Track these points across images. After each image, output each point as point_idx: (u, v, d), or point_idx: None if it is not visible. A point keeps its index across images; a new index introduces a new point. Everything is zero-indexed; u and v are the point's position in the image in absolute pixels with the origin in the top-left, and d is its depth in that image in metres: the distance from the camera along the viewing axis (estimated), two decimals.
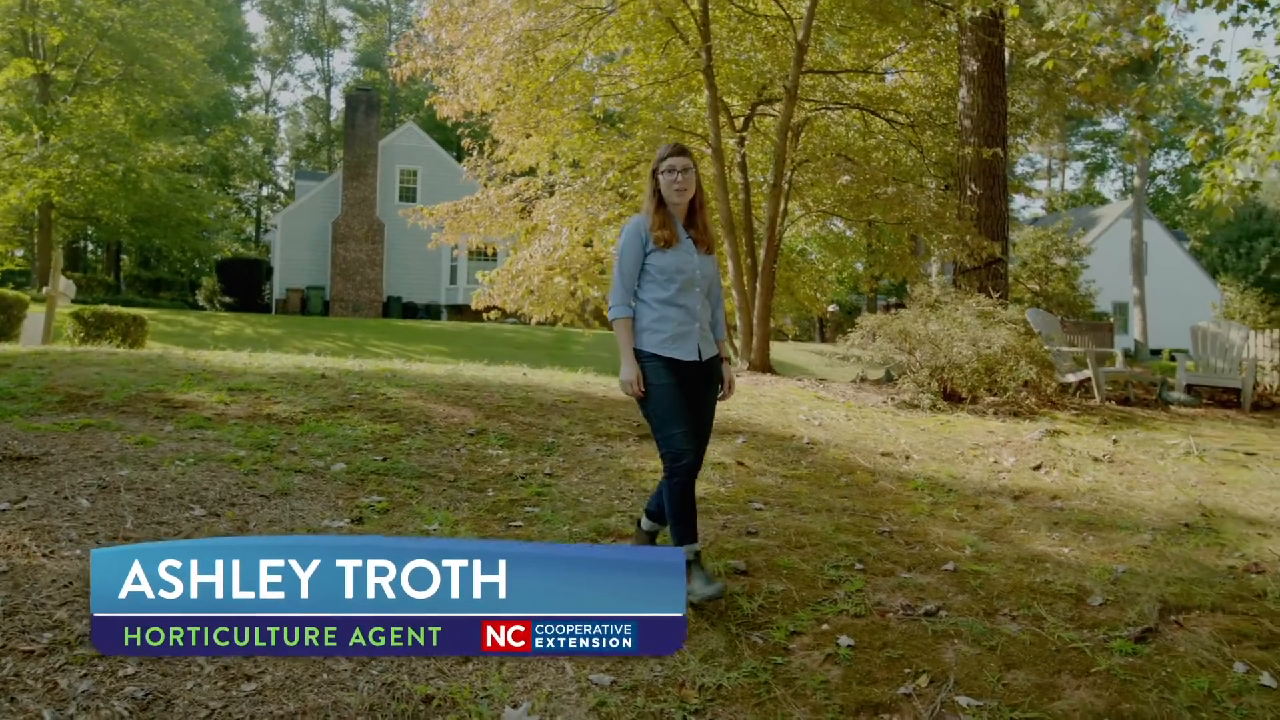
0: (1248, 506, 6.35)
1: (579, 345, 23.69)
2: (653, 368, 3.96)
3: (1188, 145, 9.38)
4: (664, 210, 4.03)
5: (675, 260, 3.99)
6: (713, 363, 4.11)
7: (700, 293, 4.06)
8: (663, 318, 3.97)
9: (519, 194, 13.32)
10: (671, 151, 4.03)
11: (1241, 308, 28.32)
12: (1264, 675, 3.79)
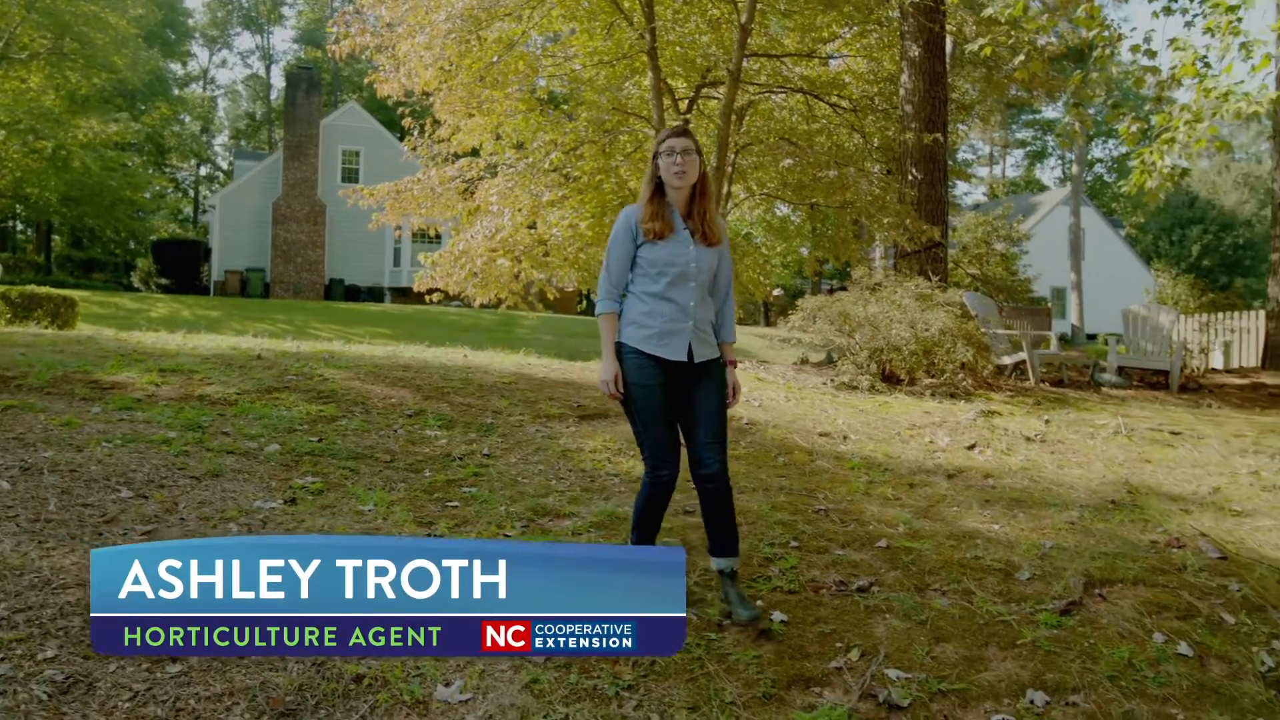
0: (1171, 484, 6.52)
1: (524, 328, 23.58)
2: (633, 365, 3.65)
3: (1121, 133, 9.57)
4: (659, 199, 3.70)
5: (667, 252, 3.65)
6: (709, 366, 3.74)
7: (697, 288, 3.69)
8: (651, 312, 3.65)
9: (461, 175, 13.17)
10: (672, 133, 3.70)
11: (1174, 293, 29.01)
12: (1181, 645, 3.91)
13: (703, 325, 3.73)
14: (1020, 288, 27.75)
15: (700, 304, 3.71)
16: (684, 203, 3.73)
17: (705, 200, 3.76)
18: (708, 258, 3.72)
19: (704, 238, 3.71)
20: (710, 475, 3.65)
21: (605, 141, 12.55)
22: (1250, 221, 47.30)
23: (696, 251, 3.69)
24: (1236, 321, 17.58)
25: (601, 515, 4.80)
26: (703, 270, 3.70)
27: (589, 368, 9.29)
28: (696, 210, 3.73)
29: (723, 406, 3.75)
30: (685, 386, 3.70)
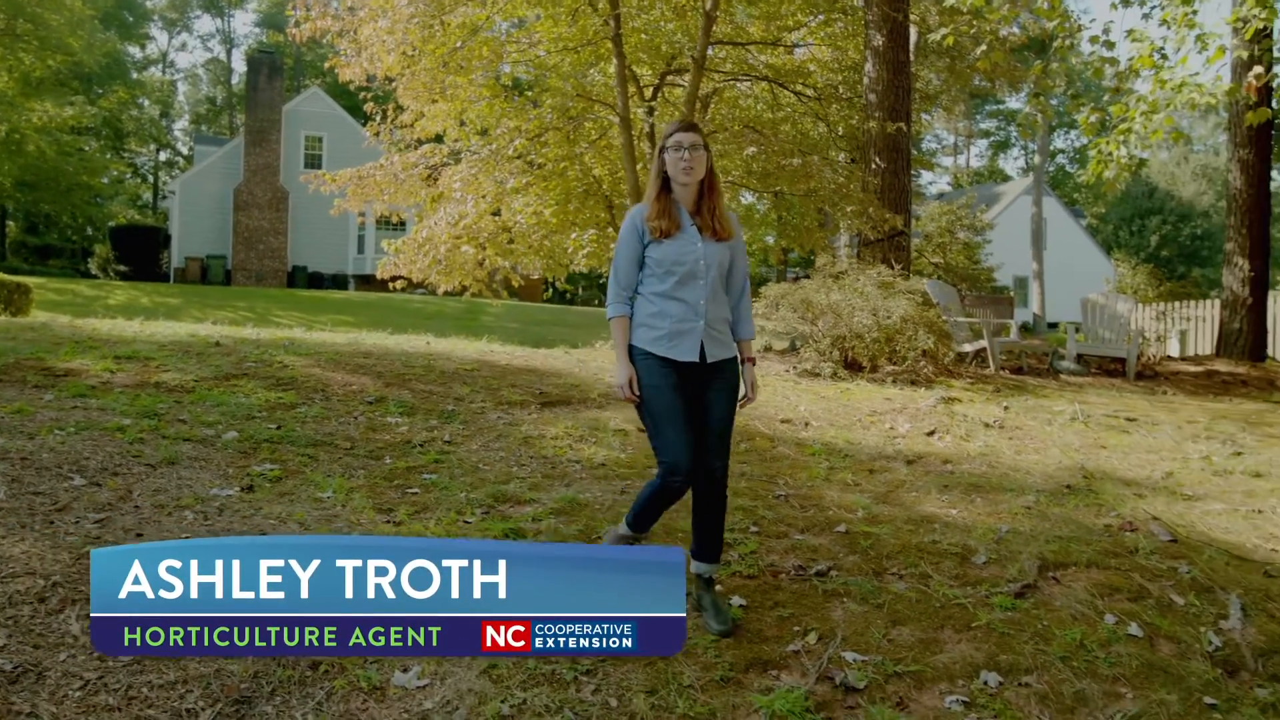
0: (1126, 469, 6.63)
1: (489, 315, 23.49)
2: (646, 367, 3.56)
3: (1080, 123, 9.68)
4: (666, 196, 3.60)
5: (674, 250, 3.55)
6: (723, 366, 3.64)
7: (706, 286, 3.57)
8: (660, 313, 3.56)
9: (425, 161, 13.07)
10: (679, 127, 3.60)
11: (1133, 283, 29.42)
12: (1132, 626, 3.98)
13: (715, 324, 3.62)
14: (983, 276, 28.04)
15: (712, 302, 3.60)
16: (692, 199, 3.63)
17: (714, 196, 3.65)
18: (717, 254, 3.60)
19: (713, 234, 3.60)
20: (713, 477, 3.60)
21: (570, 128, 12.51)
22: (1208, 212, 48.05)
23: (705, 248, 3.58)
24: (1192, 310, 17.86)
25: (562, 501, 4.80)
26: (712, 267, 3.58)
27: (552, 355, 9.28)
28: (705, 206, 3.63)
29: (732, 411, 3.66)
30: (698, 387, 3.61)
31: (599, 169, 13.43)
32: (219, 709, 2.94)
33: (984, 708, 3.35)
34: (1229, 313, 14.06)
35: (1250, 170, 13.73)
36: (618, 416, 6.71)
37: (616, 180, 13.24)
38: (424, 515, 4.48)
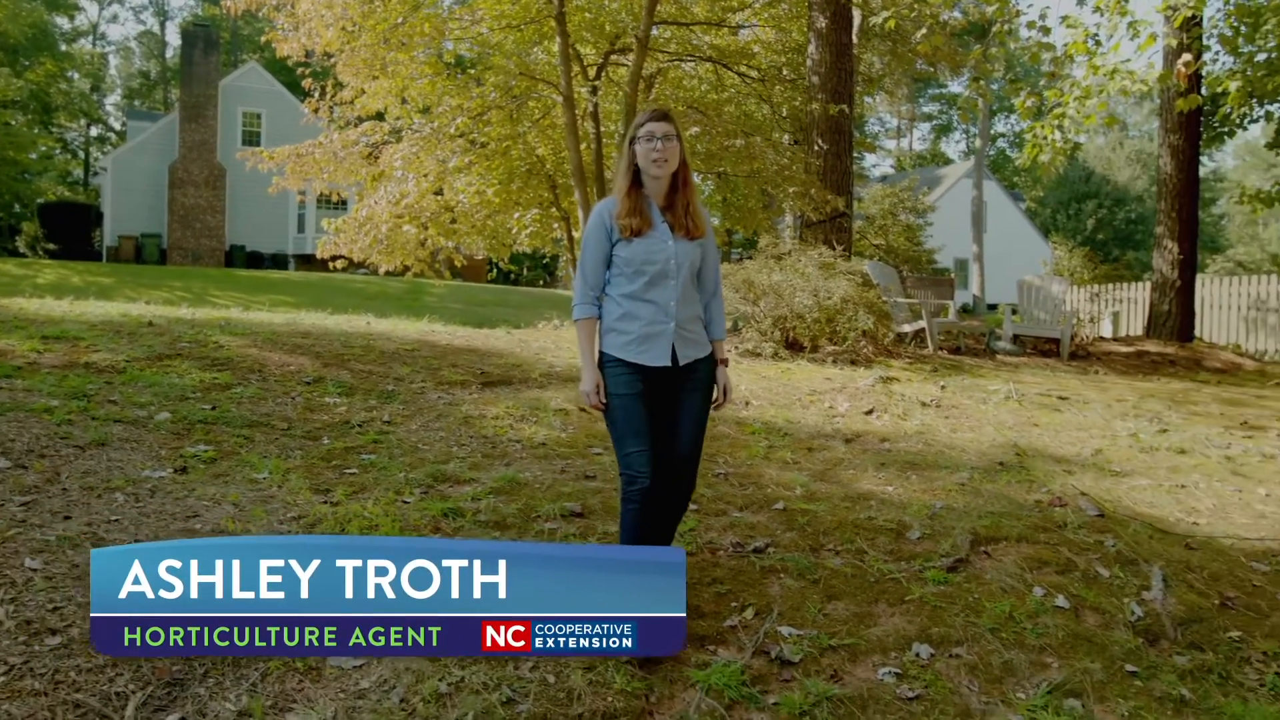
0: (1057, 446, 6.78)
1: (431, 296, 23.25)
2: (614, 374, 3.38)
3: (1017, 107, 9.83)
4: (636, 190, 3.39)
5: (645, 250, 3.36)
6: (696, 367, 3.49)
7: (678, 285, 3.39)
8: (628, 315, 3.38)
9: (365, 139, 12.89)
10: (651, 116, 3.37)
11: (1070, 265, 30.07)
12: (1059, 598, 4.08)
13: (687, 325, 3.45)
14: (924, 258, 28.42)
15: (683, 302, 3.42)
16: (663, 193, 3.42)
17: (687, 190, 3.45)
18: (689, 252, 3.42)
19: (685, 232, 3.41)
20: (682, 476, 3.47)
21: (513, 107, 12.41)
22: (1141, 196, 49.16)
23: (676, 246, 3.38)
24: (1124, 292, 18.30)
25: (502, 481, 4.79)
26: (683, 267, 3.40)
27: (494, 335, 9.24)
28: (678, 201, 3.42)
29: (704, 415, 3.53)
30: (670, 392, 3.45)
31: (542, 148, 13.36)
32: (149, 692, 2.90)
33: (915, 679, 3.42)
34: (1159, 295, 14.42)
35: (1180, 155, 14.05)
36: (559, 396, 6.71)
37: (560, 160, 13.18)
38: (362, 495, 4.45)
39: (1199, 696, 3.45)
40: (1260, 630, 4.03)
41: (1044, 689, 3.39)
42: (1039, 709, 3.24)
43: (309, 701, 2.93)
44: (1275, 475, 6.36)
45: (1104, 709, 3.31)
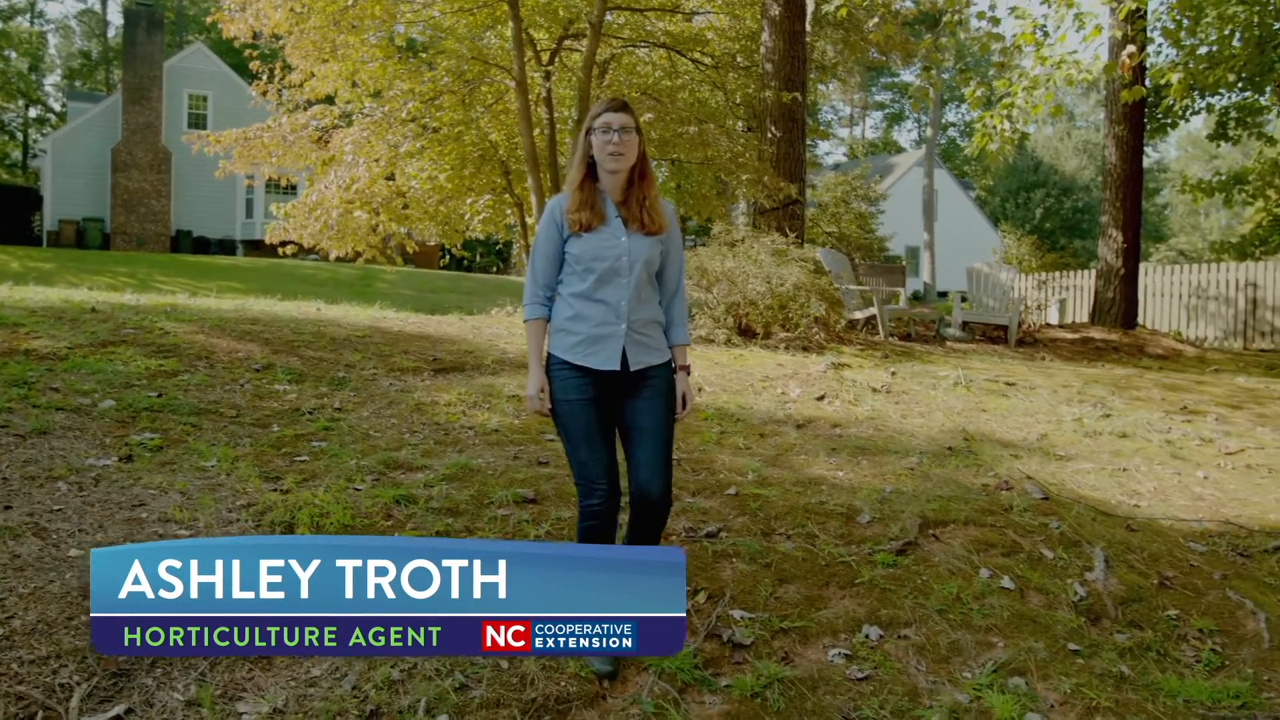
0: (1004, 431, 6.90)
1: (383, 282, 23.04)
2: (560, 377, 3.19)
3: (966, 97, 9.95)
4: (590, 184, 3.21)
5: (595, 246, 3.16)
6: (650, 374, 3.24)
7: (631, 284, 3.17)
8: (578, 316, 3.18)
9: (315, 123, 12.70)
10: (608, 106, 3.18)
11: (1019, 253, 30.50)
12: (1005, 579, 4.17)
13: (642, 327, 3.22)
14: (876, 245, 28.70)
15: (637, 302, 3.20)
16: (620, 187, 3.23)
17: (645, 184, 3.25)
18: (644, 249, 3.20)
19: (641, 226, 3.20)
20: (650, 502, 3.18)
21: (465, 92, 12.30)
22: (1088, 186, 50.03)
23: (630, 242, 3.18)
24: (1071, 280, 18.63)
25: (454, 468, 4.78)
26: (637, 264, 3.19)
27: (446, 321, 9.18)
28: (634, 196, 3.22)
29: (666, 421, 3.25)
30: (623, 398, 3.23)
31: (495, 134, 13.26)
32: (95, 683, 2.86)
33: (864, 659, 3.48)
34: (1104, 282, 14.70)
35: (1125, 146, 14.32)
36: (511, 383, 6.69)
37: (513, 145, 13.09)
38: (313, 483, 4.41)
39: (1138, 673, 3.55)
40: (1197, 608, 4.15)
41: (989, 668, 3.46)
42: (984, 688, 3.31)
43: (259, 690, 2.91)
44: (1213, 459, 6.53)
45: (1047, 687, 3.38)
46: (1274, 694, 3.48)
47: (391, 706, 2.89)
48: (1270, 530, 5.16)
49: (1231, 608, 4.17)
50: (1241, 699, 3.37)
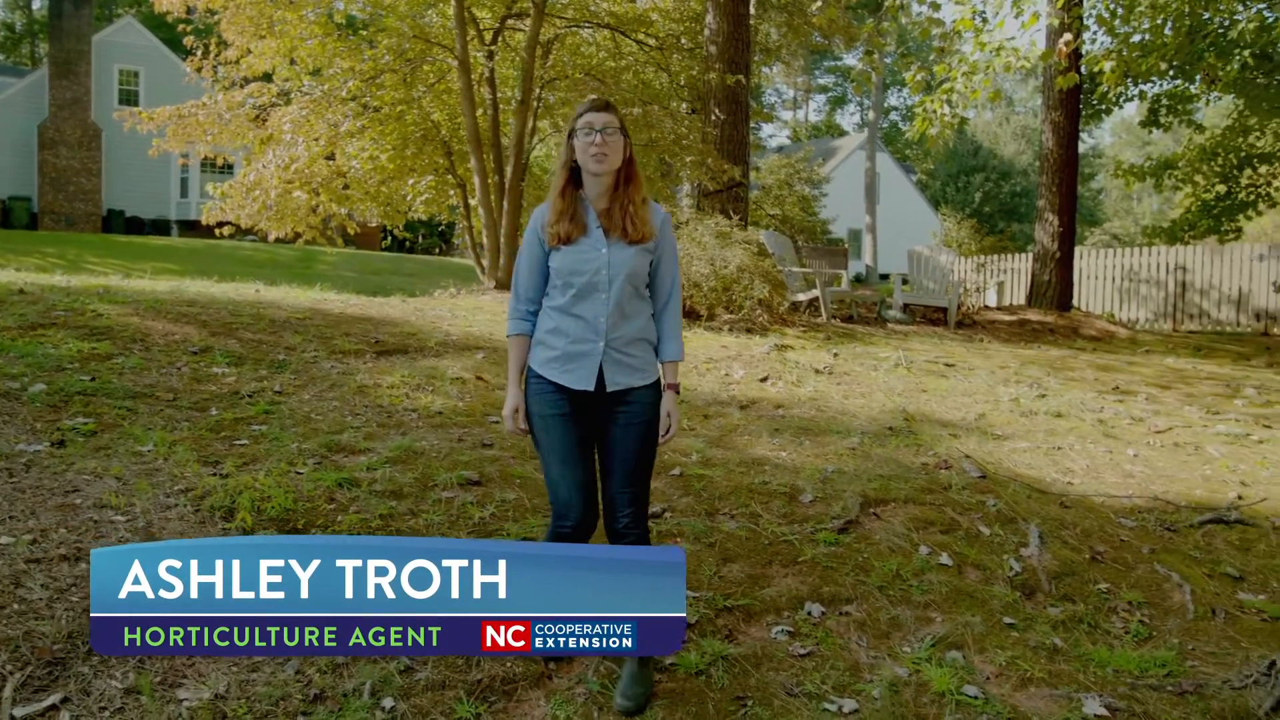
0: (943, 411, 7.03)
1: (324, 264, 22.67)
2: (535, 392, 3.04)
3: (907, 81, 10.06)
4: (572, 190, 3.03)
5: (572, 259, 2.98)
6: (631, 397, 3.04)
7: (610, 300, 2.98)
8: (556, 330, 3.02)
9: (252, 100, 12.43)
10: (591, 106, 3.00)
11: (958, 237, 30.93)
12: (943, 555, 4.26)
13: (624, 345, 3.02)
14: (818, 228, 28.92)
15: (618, 318, 3.01)
16: (604, 193, 3.03)
17: (632, 188, 3.05)
18: (627, 260, 3.00)
19: (624, 235, 3.00)
20: (620, 531, 3.05)
21: (407, 71, 12.12)
22: (1026, 171, 50.90)
23: (611, 254, 2.99)
24: (1008, 263, 18.97)
25: (398, 450, 4.74)
26: (618, 278, 2.99)
27: (389, 303, 9.08)
28: (618, 202, 3.03)
29: (641, 451, 3.05)
30: (599, 420, 3.06)
31: (438, 114, 13.10)
32: (29, 672, 2.80)
33: (807, 636, 3.54)
34: (1040, 265, 14.99)
35: (1061, 131, 14.58)
36: (455, 365, 6.65)
37: (456, 126, 12.94)
38: (253, 467, 4.35)
39: (1070, 645, 3.65)
40: (1126, 581, 4.28)
41: (928, 642, 3.54)
42: (923, 661, 3.38)
43: (200, 677, 2.88)
44: (1143, 437, 6.72)
45: (983, 659, 3.47)
46: (1198, 662, 3.60)
47: (336, 690, 2.88)
48: (1196, 506, 5.33)
49: (1159, 580, 4.31)
50: (1168, 667, 3.49)
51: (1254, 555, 4.71)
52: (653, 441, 3.09)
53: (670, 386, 3.14)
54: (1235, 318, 15.30)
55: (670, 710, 2.98)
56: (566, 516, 2.98)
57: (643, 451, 3.06)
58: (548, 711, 2.93)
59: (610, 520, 3.07)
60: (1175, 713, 3.19)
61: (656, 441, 3.11)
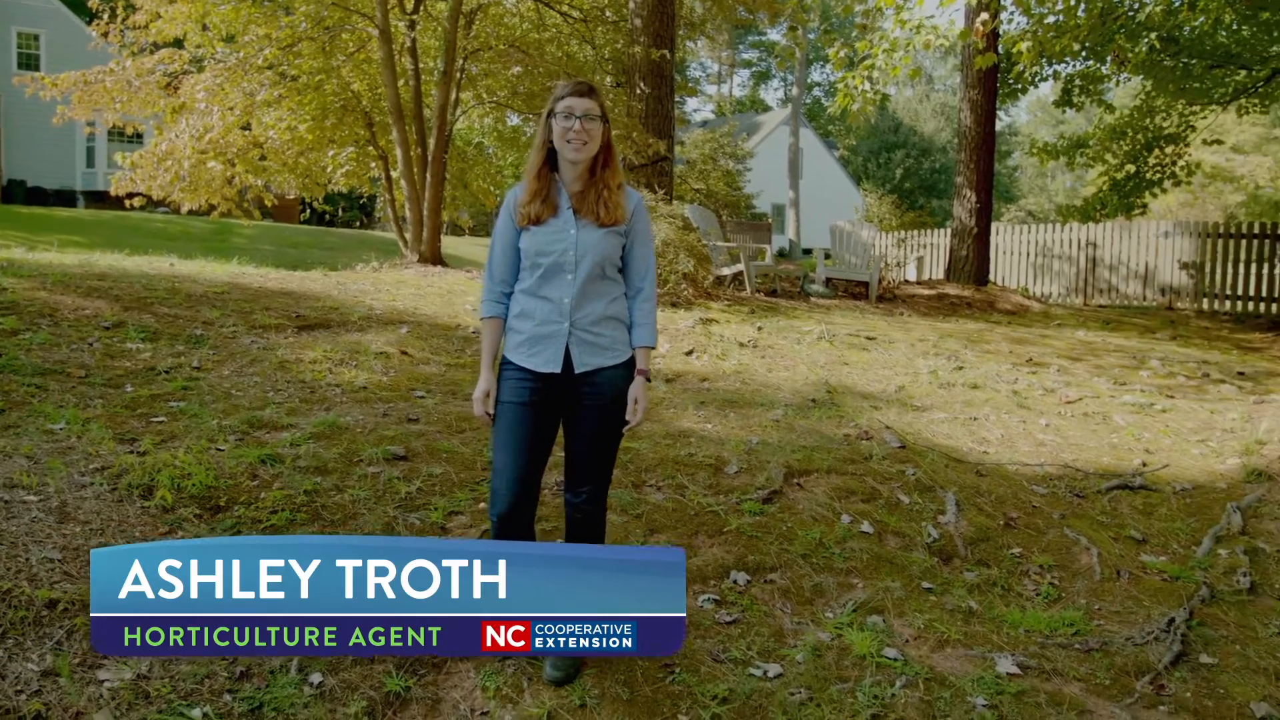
0: (864, 383, 7.17)
1: (240, 237, 22.11)
2: (503, 376, 3.03)
3: (830, 57, 10.15)
4: (547, 172, 3.02)
5: (541, 239, 2.97)
6: (596, 376, 3.02)
7: (576, 281, 2.97)
8: (523, 313, 3.02)
9: (163, 67, 12.02)
10: (573, 90, 2.96)
11: (879, 212, 31.48)
12: (865, 523, 4.36)
13: (590, 326, 3.00)
14: (743, 203, 29.12)
15: (584, 300, 2.99)
16: (579, 177, 3.01)
17: (608, 173, 3.02)
18: (596, 243, 2.98)
19: (595, 218, 2.98)
20: (575, 504, 3.11)
21: (326, 39, 11.84)
22: (945, 148, 51.83)
23: (579, 235, 2.97)
24: (928, 238, 19.35)
25: (321, 426, 4.68)
26: (585, 259, 2.97)
27: (309, 277, 8.91)
28: (593, 186, 3.01)
29: (607, 430, 3.06)
30: (567, 402, 3.05)
31: (358, 84, 12.83)
32: None
33: (734, 604, 3.61)
34: (958, 241, 15.31)
35: (979, 110, 14.87)
36: (379, 340, 6.57)
37: (377, 96, 12.70)
38: (172, 444, 4.25)
39: (985, 607, 3.78)
40: (1038, 546, 4.44)
41: (850, 608, 3.64)
42: (845, 626, 3.48)
43: (120, 656, 2.82)
44: (1054, 407, 6.95)
45: (903, 623, 3.58)
46: (1104, 621, 3.77)
47: (262, 667, 2.85)
48: (1103, 473, 5.55)
49: (1068, 544, 4.49)
50: (1075, 626, 3.64)
51: (1156, 519, 4.93)
52: (617, 423, 3.08)
53: (641, 373, 3.10)
54: (1142, 292, 15.85)
55: (599, 679, 3.01)
56: (496, 503, 2.99)
57: (604, 432, 3.06)
58: (477, 683, 2.95)
59: (570, 494, 3.11)
60: (1082, 669, 3.34)
61: (622, 423, 3.09)
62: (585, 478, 3.08)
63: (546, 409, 3.02)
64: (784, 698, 3.00)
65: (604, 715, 2.85)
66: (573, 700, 2.89)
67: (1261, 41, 14.69)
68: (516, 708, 2.85)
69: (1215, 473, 5.67)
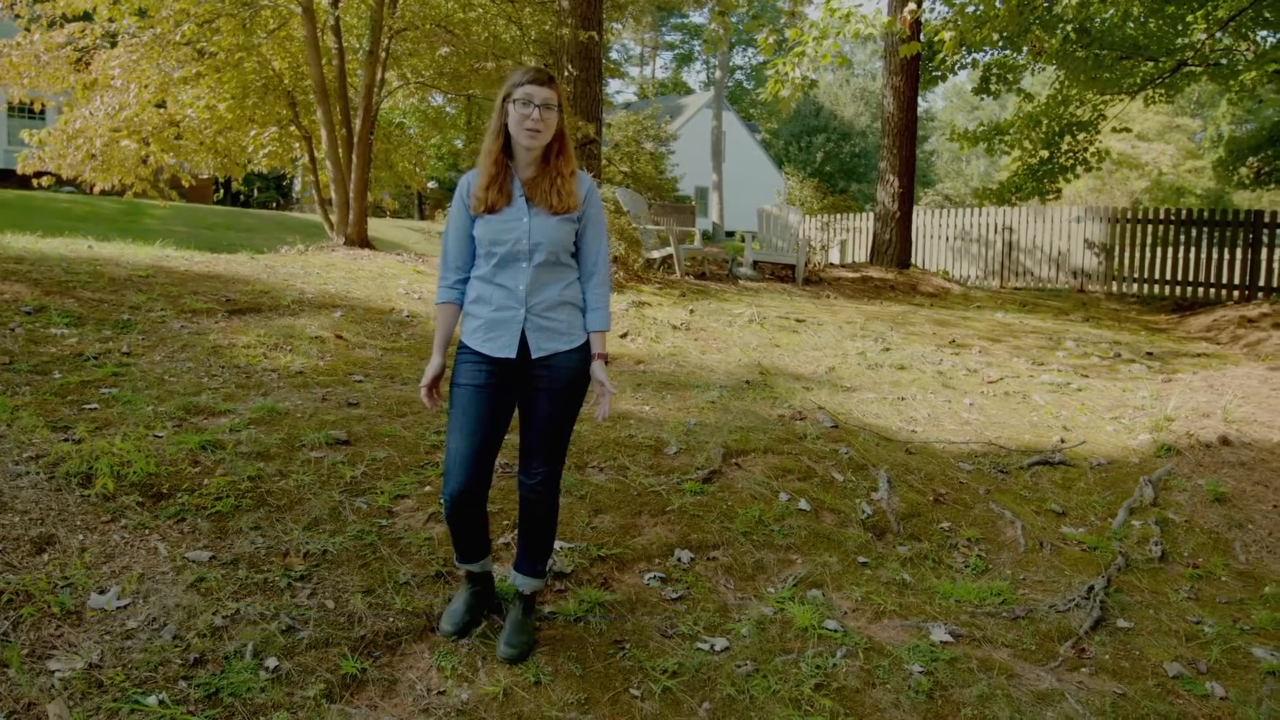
0: (796, 365, 7.33)
1: (152, 218, 21.46)
2: (458, 360, 3.08)
3: (759, 43, 10.28)
4: (503, 159, 3.01)
5: (494, 228, 2.98)
6: (552, 360, 3.05)
7: (532, 268, 2.99)
8: (479, 299, 3.05)
9: (73, 42, 11.60)
10: (530, 78, 2.95)
11: (801, 195, 31.84)
12: (801, 501, 4.50)
13: (546, 310, 3.03)
14: (667, 185, 29.23)
15: (539, 286, 3.02)
16: (533, 163, 3.02)
17: (561, 161, 3.03)
18: (549, 231, 2.99)
19: (549, 206, 3.00)
20: (529, 485, 3.13)
21: (246, 16, 11.57)
22: (865, 132, 52.65)
23: (532, 223, 2.98)
24: (851, 222, 19.70)
25: (260, 411, 4.64)
26: (540, 247, 2.99)
27: (236, 260, 8.75)
28: (546, 174, 3.02)
29: (560, 412, 3.09)
30: (523, 387, 3.08)
31: (279, 62, 12.56)
32: None
33: (678, 581, 3.70)
34: (881, 225, 15.65)
35: (902, 97, 15.19)
36: (313, 324, 6.51)
37: (300, 75, 12.45)
38: (108, 431, 4.18)
39: (917, 579, 3.95)
40: (965, 520, 4.63)
41: (790, 582, 3.76)
42: (786, 600, 3.60)
43: (70, 646, 2.80)
44: (977, 387, 7.19)
45: (840, 596, 3.72)
46: (1029, 590, 3.96)
47: (217, 653, 2.85)
48: (1025, 450, 5.78)
49: (994, 518, 4.69)
50: (1002, 595, 3.83)
51: (1075, 493, 5.17)
52: (571, 407, 3.12)
53: (599, 356, 3.14)
54: (1055, 275, 16.38)
55: (552, 656, 3.08)
56: (448, 484, 3.01)
57: (557, 415, 3.09)
58: (432, 663, 2.99)
59: (524, 475, 3.14)
60: (1010, 635, 3.51)
61: (576, 407, 3.14)
62: (540, 460, 3.11)
63: (502, 392, 3.05)
64: (731, 670, 3.11)
65: (558, 691, 2.92)
66: (527, 677, 2.95)
67: (1168, 34, 15.28)
68: (472, 686, 2.90)
69: (1128, 448, 5.95)
